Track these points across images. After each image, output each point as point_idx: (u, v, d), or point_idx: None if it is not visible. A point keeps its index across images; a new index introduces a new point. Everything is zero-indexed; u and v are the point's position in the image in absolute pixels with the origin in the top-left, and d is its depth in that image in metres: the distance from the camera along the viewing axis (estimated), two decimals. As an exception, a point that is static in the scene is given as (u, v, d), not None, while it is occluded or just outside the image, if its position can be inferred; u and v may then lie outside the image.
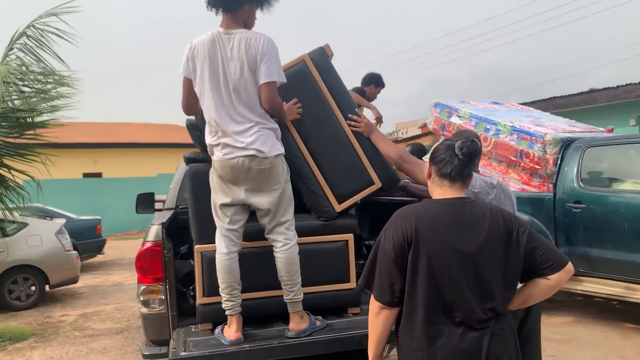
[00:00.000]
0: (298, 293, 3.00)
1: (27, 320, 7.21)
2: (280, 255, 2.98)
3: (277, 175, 2.96)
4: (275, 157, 2.93)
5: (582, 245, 5.55)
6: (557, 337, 5.28)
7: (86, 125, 22.06)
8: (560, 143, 5.93)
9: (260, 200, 2.97)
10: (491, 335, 1.92)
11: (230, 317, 2.95)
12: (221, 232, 3.02)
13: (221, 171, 2.95)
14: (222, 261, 2.96)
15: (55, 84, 6.27)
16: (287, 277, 2.97)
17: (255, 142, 2.87)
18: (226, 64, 2.89)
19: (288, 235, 3.00)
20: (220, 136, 2.92)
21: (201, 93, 2.96)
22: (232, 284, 2.94)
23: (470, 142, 2.07)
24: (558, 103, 13.51)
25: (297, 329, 2.97)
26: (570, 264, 2.00)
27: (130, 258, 12.79)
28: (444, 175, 2.07)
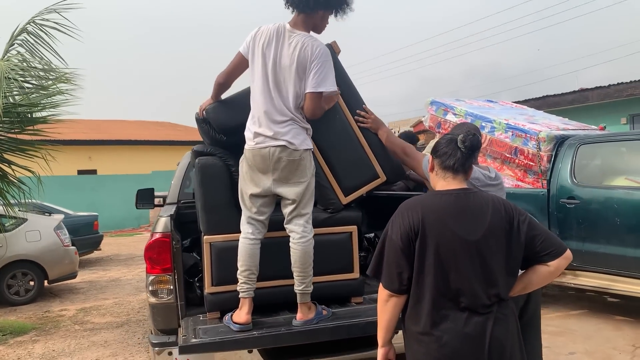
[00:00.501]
0: (309, 285, 3.10)
1: (27, 314, 7.25)
2: (297, 247, 3.07)
3: (305, 168, 3.07)
4: (304, 151, 3.05)
5: (576, 240, 5.67)
6: (551, 329, 5.40)
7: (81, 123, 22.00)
8: (554, 140, 6.06)
9: (286, 191, 3.08)
10: (494, 319, 2.02)
11: (243, 300, 3.05)
12: (247, 219, 3.13)
13: (252, 160, 3.07)
14: (245, 245, 3.07)
15: (55, 80, 6.32)
16: (301, 268, 3.07)
17: (287, 134, 3.00)
18: (278, 59, 3.03)
19: (306, 228, 3.10)
20: (258, 125, 3.05)
21: (252, 77, 3.11)
22: (251, 268, 3.04)
23: (472, 135, 2.17)
24: (551, 102, 13.69)
25: (304, 318, 3.07)
26: (568, 250, 2.10)
27: (127, 254, 12.85)
28: (447, 168, 2.17)
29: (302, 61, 3.00)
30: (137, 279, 9.53)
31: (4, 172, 6.37)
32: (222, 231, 3.25)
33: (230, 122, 3.34)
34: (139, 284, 8.94)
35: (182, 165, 4.67)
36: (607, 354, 4.67)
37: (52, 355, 5.44)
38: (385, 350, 2.20)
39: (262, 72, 3.06)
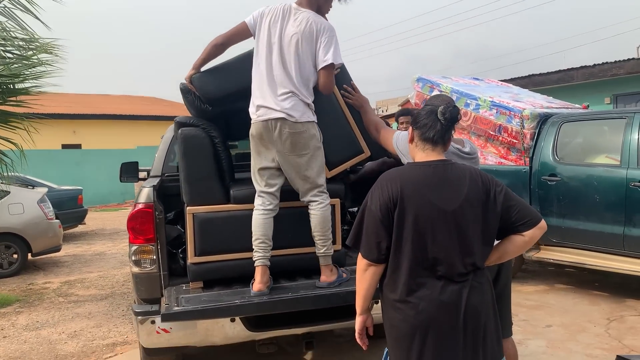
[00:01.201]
0: (330, 248, 3.22)
1: (10, 287, 7.25)
2: (316, 213, 3.19)
3: (307, 140, 3.13)
4: (305, 123, 3.11)
5: (556, 216, 5.77)
6: (529, 304, 5.52)
7: (66, 96, 21.73)
8: (537, 118, 6.11)
9: (288, 164, 3.15)
10: (470, 287, 2.07)
11: (257, 269, 3.11)
12: (258, 193, 3.21)
13: (256, 133, 3.14)
14: (257, 216, 3.16)
15: (37, 51, 6.21)
16: (322, 232, 3.19)
17: (287, 106, 3.06)
18: (284, 33, 3.10)
19: (322, 197, 3.22)
20: (261, 98, 3.11)
21: (256, 52, 3.18)
22: (261, 237, 3.12)
23: (452, 107, 2.20)
24: (536, 81, 13.74)
25: (327, 280, 3.19)
26: (543, 221, 2.15)
27: (112, 229, 12.83)
28: (427, 140, 2.19)
29: (307, 36, 3.09)
30: (121, 252, 9.54)
31: (-15, 143, 6.30)
32: (205, 202, 3.27)
33: (216, 91, 3.34)
34: (124, 258, 8.95)
35: (166, 138, 4.65)
36: (583, 327, 4.79)
37: (36, 326, 5.46)
38: (363, 318, 2.27)
39: (266, 47, 3.13)
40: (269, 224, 3.17)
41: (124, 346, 4.74)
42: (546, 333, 4.68)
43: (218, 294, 3.11)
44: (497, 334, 2.18)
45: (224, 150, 3.46)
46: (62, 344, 4.87)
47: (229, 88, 3.36)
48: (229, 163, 3.49)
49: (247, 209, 3.30)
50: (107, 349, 4.70)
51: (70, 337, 5.06)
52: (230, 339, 3.27)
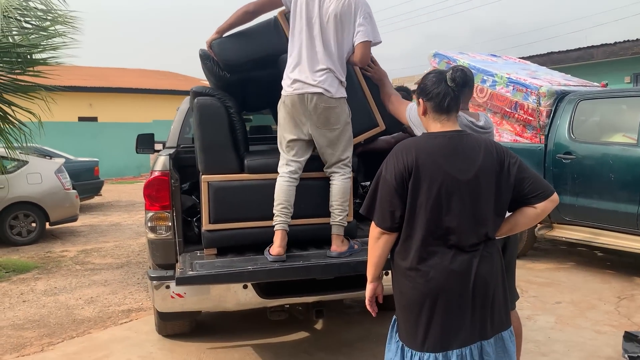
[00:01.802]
0: (345, 218, 3.26)
1: (29, 254, 7.42)
2: (337, 183, 3.26)
3: (339, 115, 3.18)
4: (339, 99, 3.16)
5: (570, 194, 5.75)
6: (540, 281, 5.54)
7: (82, 69, 21.85)
8: (554, 95, 6.05)
9: (321, 137, 3.21)
10: (480, 257, 2.08)
11: (277, 233, 3.16)
12: (285, 161, 3.27)
13: (290, 106, 3.17)
14: (281, 183, 3.22)
15: (53, 22, 6.25)
16: (339, 202, 3.25)
17: (325, 82, 3.11)
18: (322, 9, 3.13)
19: (346, 169, 3.29)
20: (297, 72, 3.14)
21: (292, 27, 3.20)
22: (284, 203, 3.18)
23: (459, 71, 2.20)
24: (555, 59, 13.52)
25: (337, 250, 3.22)
26: (555, 194, 2.16)
27: (127, 201, 13.01)
28: (442, 109, 2.18)
29: (345, 13, 3.11)
30: (137, 224, 9.69)
31: (4, 113, 6.39)
32: (219, 171, 3.31)
33: (235, 58, 3.36)
34: (139, 229, 9.09)
35: (182, 110, 4.69)
36: (592, 304, 4.81)
37: (54, 291, 5.60)
38: (374, 286, 2.29)
39: (306, 22, 3.15)
40: (292, 191, 3.22)
41: (138, 312, 4.86)
42: (555, 309, 4.71)
43: (231, 261, 3.16)
44: (505, 304, 2.20)
45: (239, 121, 3.49)
46: (79, 309, 5.00)
47: (248, 55, 3.38)
48: (243, 133, 3.52)
49: (261, 178, 3.34)
50: (123, 314, 4.82)
51: (87, 302, 5.20)
52: (242, 305, 3.34)
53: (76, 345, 4.15)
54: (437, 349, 2.08)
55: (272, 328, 4.24)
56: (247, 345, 4.03)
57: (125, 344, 4.13)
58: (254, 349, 3.97)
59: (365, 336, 4.14)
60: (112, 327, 4.52)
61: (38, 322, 4.68)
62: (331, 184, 3.28)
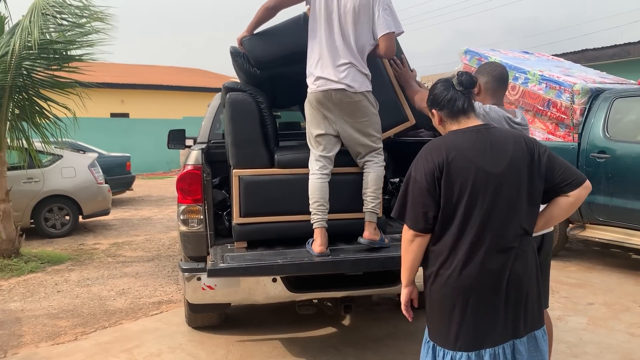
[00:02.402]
0: (378, 206, 3.26)
1: (63, 246, 7.60)
2: (371, 171, 3.27)
3: (365, 108, 3.20)
4: (363, 93, 3.17)
5: (604, 194, 5.63)
6: (572, 282, 5.45)
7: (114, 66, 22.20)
8: (589, 93, 5.93)
9: (350, 129, 3.22)
10: (515, 255, 2.05)
11: (316, 230, 3.18)
12: (315, 157, 3.29)
13: (315, 103, 3.20)
14: (314, 180, 3.24)
15: (90, 18, 6.38)
16: (373, 189, 3.26)
17: (347, 77, 3.12)
18: (339, 2, 3.13)
19: (379, 157, 3.31)
20: (320, 69, 3.15)
21: (312, 21, 3.21)
22: (319, 200, 3.20)
23: (464, 74, 2.20)
24: (590, 56, 13.23)
25: (370, 237, 3.22)
26: (588, 181, 2.12)
27: (158, 195, 13.21)
28: (458, 112, 2.17)
29: (363, 5, 3.11)
30: (167, 218, 9.84)
31: (41, 108, 6.57)
32: (250, 165, 3.34)
33: (265, 54, 3.38)
34: (170, 223, 9.23)
35: (212, 106, 4.74)
36: (626, 306, 4.71)
37: (87, 282, 5.73)
38: (409, 290, 2.25)
39: (325, 16, 3.15)
40: (326, 188, 3.23)
41: (169, 304, 4.94)
42: (587, 311, 4.62)
43: (261, 254, 3.19)
44: (539, 303, 2.17)
45: (269, 116, 3.51)
46: (111, 300, 5.11)
47: (278, 52, 3.40)
48: (274, 129, 3.55)
49: (291, 173, 3.36)
50: (153, 306, 4.91)
51: (118, 294, 5.30)
52: (271, 298, 3.37)
53: (108, 335, 4.25)
54: (470, 347, 2.05)
55: (300, 322, 4.26)
56: (275, 338, 4.06)
57: (156, 335, 4.20)
58: (281, 342, 4.00)
59: (393, 333, 4.14)
60: (143, 319, 4.61)
61: (72, 312, 4.80)
62: (365, 173, 3.28)
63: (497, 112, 2.73)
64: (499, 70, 2.90)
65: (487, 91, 2.87)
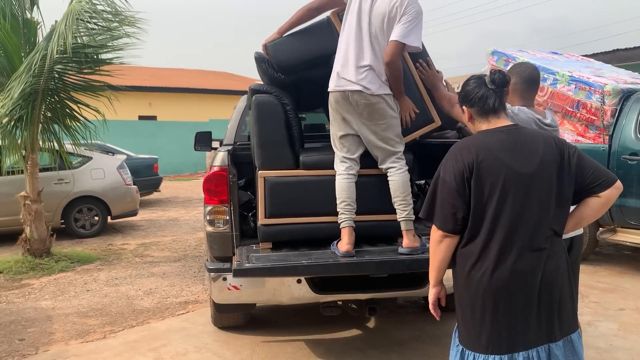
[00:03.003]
0: (411, 212, 3.23)
1: (92, 246, 7.74)
2: (395, 178, 3.23)
3: (383, 111, 3.17)
4: (381, 95, 3.15)
5: (635, 197, 5.51)
6: (602, 286, 5.34)
7: (142, 70, 22.60)
8: (620, 94, 5.81)
9: (368, 132, 3.21)
10: (547, 256, 2.01)
11: (343, 230, 3.20)
12: (340, 159, 3.31)
13: (334, 103, 3.22)
14: (340, 181, 3.25)
15: (121, 23, 6.48)
16: (402, 197, 3.23)
17: (364, 79, 3.11)
18: (373, 7, 3.14)
19: (401, 162, 3.27)
20: (343, 69, 3.16)
21: (344, 23, 3.23)
22: (346, 200, 3.21)
23: (497, 72, 2.17)
24: (621, 56, 12.94)
25: (410, 245, 3.19)
26: (619, 181, 2.08)
27: (185, 197, 13.36)
28: (488, 111, 2.15)
29: (394, 14, 3.09)
30: (194, 219, 9.94)
31: (72, 110, 6.71)
32: (275, 167, 3.37)
33: (289, 59, 3.40)
34: (196, 224, 9.33)
35: (239, 108, 4.78)
36: (659, 312, 4.60)
37: (115, 282, 5.83)
38: (437, 290, 2.25)
39: (356, 19, 3.16)
40: (353, 188, 3.24)
41: (195, 304, 4.99)
42: (618, 316, 4.52)
43: (286, 255, 3.21)
44: (573, 305, 2.13)
45: (294, 118, 3.53)
46: (138, 300, 5.18)
47: (302, 56, 3.42)
48: (299, 130, 3.56)
49: (316, 174, 3.37)
50: (180, 306, 4.96)
51: (146, 294, 5.38)
52: (296, 299, 3.38)
53: (136, 334, 4.31)
54: (503, 350, 2.02)
55: (324, 324, 4.26)
56: (299, 340, 4.07)
57: (182, 335, 4.25)
58: (306, 343, 4.00)
59: (418, 336, 4.11)
60: (169, 318, 4.67)
61: (101, 311, 4.88)
62: (390, 181, 3.26)
63: (526, 114, 2.69)
64: (528, 71, 2.86)
65: (516, 92, 2.83)
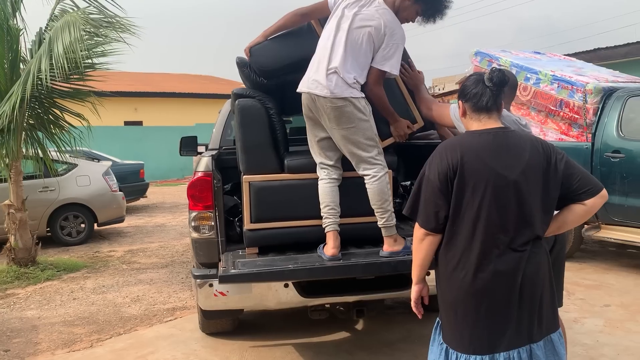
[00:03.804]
0: (389, 219, 3.19)
1: (79, 254, 7.67)
2: (370, 187, 3.19)
3: (350, 114, 3.09)
4: (347, 98, 3.08)
5: (619, 194, 5.57)
6: (587, 283, 5.39)
7: (127, 75, 22.44)
8: (601, 92, 5.88)
9: (336, 135, 3.18)
10: (528, 257, 2.03)
11: (328, 234, 3.19)
12: (320, 165, 3.30)
13: (305, 105, 3.21)
14: (323, 185, 3.25)
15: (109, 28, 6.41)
16: (378, 205, 3.19)
17: (330, 82, 3.06)
18: (356, 18, 3.12)
19: (375, 169, 3.18)
20: (313, 71, 3.16)
21: (325, 27, 3.23)
22: (330, 204, 3.21)
23: (497, 71, 2.15)
24: (603, 55, 13.08)
25: (389, 250, 3.17)
26: (604, 190, 2.10)
27: (172, 202, 13.28)
28: (480, 109, 2.16)
29: (376, 32, 3.08)
30: (181, 225, 9.89)
31: (56, 117, 6.64)
32: (260, 171, 3.36)
33: (270, 63, 3.40)
34: (183, 230, 9.28)
35: (223, 113, 4.76)
36: (643, 308, 4.65)
37: (102, 290, 5.78)
38: (419, 287, 2.27)
39: (335, 25, 3.15)
40: (336, 192, 3.23)
41: (183, 311, 4.96)
42: (604, 312, 4.57)
43: (272, 259, 3.20)
44: (553, 306, 2.15)
45: (279, 122, 3.53)
46: (126, 307, 5.14)
47: (283, 60, 3.42)
48: (283, 134, 3.56)
49: (301, 178, 3.37)
50: (168, 313, 4.93)
51: (133, 301, 5.34)
52: (284, 303, 3.37)
53: (123, 342, 4.28)
54: (484, 350, 2.04)
55: (313, 327, 4.26)
56: (288, 344, 4.07)
57: (170, 341, 4.22)
58: (295, 347, 4.00)
59: (407, 337, 4.12)
60: (157, 325, 4.64)
61: (87, 319, 4.84)
62: (367, 188, 3.21)
63: (507, 115, 2.76)
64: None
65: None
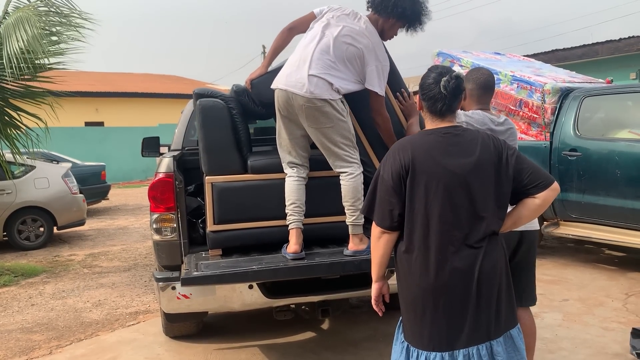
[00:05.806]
0: (359, 218, 3.19)
1: (37, 258, 7.47)
2: (345, 184, 3.18)
3: (329, 114, 3.07)
4: (326, 100, 3.05)
5: (576, 191, 5.73)
6: (547, 278, 5.52)
7: (88, 75, 21.99)
8: (559, 92, 6.04)
9: (314, 134, 3.16)
10: (484, 254, 2.07)
11: (291, 231, 3.18)
12: (287, 164, 3.28)
13: (279, 101, 3.15)
14: (290, 183, 3.24)
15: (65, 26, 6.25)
16: (350, 202, 3.18)
17: (311, 85, 3.02)
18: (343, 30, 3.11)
19: (352, 167, 3.18)
20: (289, 69, 3.12)
21: (309, 30, 3.23)
22: (295, 202, 3.20)
23: (454, 79, 2.16)
24: (560, 56, 13.47)
25: (354, 248, 3.18)
26: (556, 183, 2.14)
27: (134, 204, 13.05)
28: (433, 112, 2.20)
29: (364, 49, 3.09)
30: (144, 227, 9.73)
31: (11, 118, 6.44)
32: (223, 172, 3.33)
33: (272, 96, 3.25)
34: (146, 232, 9.13)
35: (186, 113, 4.69)
36: (600, 301, 4.79)
37: (62, 295, 5.63)
38: (379, 285, 2.30)
39: (320, 29, 3.14)
40: (302, 190, 3.23)
41: (146, 314, 4.88)
42: (562, 307, 4.69)
43: (236, 261, 3.17)
44: (511, 301, 2.18)
45: (241, 122, 3.50)
46: (87, 312, 5.03)
47: None
48: (246, 134, 3.53)
49: (265, 178, 3.35)
50: (130, 317, 4.84)
51: (94, 305, 5.22)
52: (248, 305, 3.35)
53: (84, 348, 4.18)
54: (444, 347, 2.07)
55: (278, 328, 4.25)
56: (254, 345, 4.04)
57: (133, 346, 4.15)
58: (260, 349, 3.98)
59: (372, 335, 4.14)
60: (119, 330, 4.54)
61: (46, 325, 4.71)
62: (341, 185, 3.22)
63: (480, 115, 2.84)
64: (484, 77, 2.96)
65: (473, 97, 2.94)
